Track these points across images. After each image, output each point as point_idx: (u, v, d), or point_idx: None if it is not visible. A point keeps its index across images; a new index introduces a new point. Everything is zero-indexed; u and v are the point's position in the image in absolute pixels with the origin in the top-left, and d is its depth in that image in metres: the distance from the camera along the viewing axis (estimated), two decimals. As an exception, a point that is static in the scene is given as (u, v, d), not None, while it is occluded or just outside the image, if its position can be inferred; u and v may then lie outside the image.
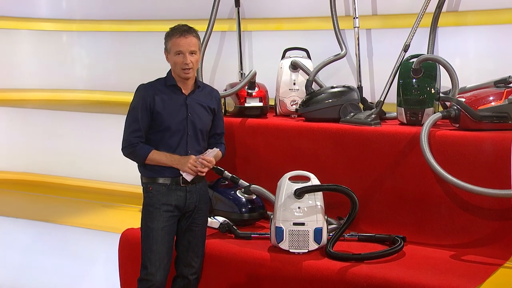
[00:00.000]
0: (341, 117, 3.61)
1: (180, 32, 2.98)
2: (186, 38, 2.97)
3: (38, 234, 3.97)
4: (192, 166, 2.97)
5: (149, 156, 2.99)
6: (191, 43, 2.98)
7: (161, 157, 2.99)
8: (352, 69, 4.07)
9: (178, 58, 2.98)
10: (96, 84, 5.30)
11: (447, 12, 3.77)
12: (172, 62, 3.01)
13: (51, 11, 5.36)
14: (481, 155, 3.09)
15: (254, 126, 3.77)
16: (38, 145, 4.86)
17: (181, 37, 2.97)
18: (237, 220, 3.46)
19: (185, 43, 2.96)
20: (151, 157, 2.99)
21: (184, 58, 2.97)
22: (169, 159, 2.99)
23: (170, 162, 2.99)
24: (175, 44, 2.98)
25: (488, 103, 3.21)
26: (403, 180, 3.30)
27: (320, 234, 3.05)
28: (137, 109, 3.01)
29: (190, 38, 2.98)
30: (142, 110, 3.00)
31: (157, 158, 2.99)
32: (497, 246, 3.01)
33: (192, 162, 2.97)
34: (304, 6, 4.28)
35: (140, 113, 3.00)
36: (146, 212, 3.04)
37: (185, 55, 2.97)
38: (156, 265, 2.97)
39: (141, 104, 3.01)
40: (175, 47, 2.97)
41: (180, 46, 2.96)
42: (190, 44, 2.97)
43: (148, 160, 3.00)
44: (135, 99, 3.05)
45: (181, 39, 2.97)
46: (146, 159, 3.00)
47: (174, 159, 2.98)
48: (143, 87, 3.07)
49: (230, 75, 4.35)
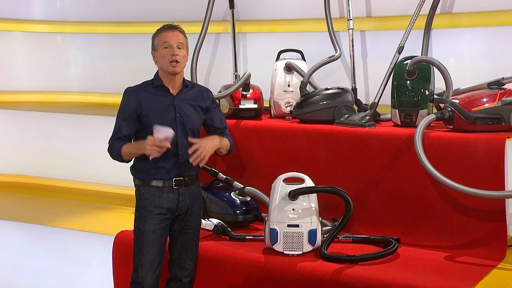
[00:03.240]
0: (336, 118, 3.61)
1: (167, 27, 3.04)
2: (174, 31, 3.02)
3: (31, 236, 3.95)
4: (150, 147, 2.90)
5: (122, 151, 2.99)
6: (178, 37, 3.01)
7: (130, 149, 2.98)
8: (347, 71, 4.07)
9: (165, 51, 2.99)
10: (90, 86, 5.29)
11: (441, 14, 3.78)
12: (160, 56, 3.01)
13: (45, 12, 5.35)
14: (474, 156, 3.10)
15: (249, 128, 3.77)
16: (31, 147, 4.84)
17: (168, 31, 3.02)
18: (232, 222, 3.46)
19: (172, 35, 3.00)
20: (124, 152, 2.99)
21: (171, 50, 2.98)
22: (135, 148, 2.97)
23: (137, 149, 2.96)
24: (162, 37, 3.00)
25: (482, 104, 3.22)
26: (397, 182, 3.30)
27: (315, 236, 3.05)
28: (123, 113, 3.02)
29: (177, 32, 3.03)
30: (127, 114, 3.01)
31: (127, 150, 2.98)
32: (491, 247, 3.01)
33: (148, 143, 2.90)
34: (299, 8, 4.28)
35: (126, 116, 3.01)
36: (138, 215, 3.03)
37: (173, 47, 2.98)
38: (146, 268, 2.96)
39: (127, 107, 3.02)
40: (163, 39, 2.99)
41: (167, 38, 2.99)
42: (177, 37, 3.01)
43: (124, 156, 3.00)
44: (121, 102, 3.06)
45: (168, 32, 3.01)
46: (122, 155, 3.00)
47: (139, 145, 2.96)
48: (130, 90, 3.07)
49: (225, 77, 4.35)
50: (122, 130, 3.01)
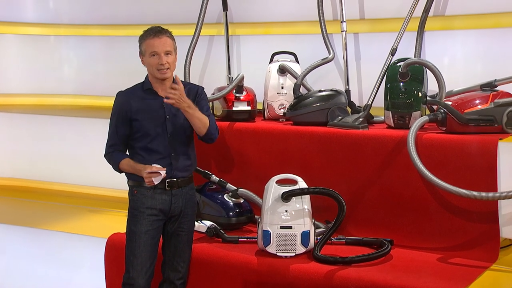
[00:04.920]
0: (329, 120, 3.61)
1: (154, 33, 2.94)
2: (160, 38, 2.94)
3: (23, 239, 3.93)
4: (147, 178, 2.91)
5: (120, 167, 3.02)
6: (166, 43, 2.94)
7: (127, 168, 3.00)
8: (340, 73, 4.07)
9: (153, 59, 2.95)
10: (83, 89, 5.27)
11: (434, 17, 3.79)
12: (148, 64, 2.99)
13: (38, 15, 5.33)
14: (467, 158, 3.10)
15: (242, 130, 3.76)
16: (24, 150, 4.82)
17: (155, 38, 2.94)
18: (225, 224, 3.45)
19: (159, 43, 2.93)
20: (123, 168, 3.02)
21: (159, 59, 2.93)
22: (133, 170, 2.98)
23: (134, 171, 2.98)
24: (149, 45, 2.94)
25: (474, 106, 3.22)
26: (390, 183, 3.30)
27: (308, 238, 3.04)
28: (115, 117, 3.03)
29: (164, 38, 2.95)
30: (119, 117, 3.01)
31: (125, 168, 3.01)
32: (484, 249, 3.01)
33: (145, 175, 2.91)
34: (292, 11, 4.28)
35: (117, 121, 3.01)
36: (131, 216, 3.03)
37: (160, 55, 2.93)
38: (137, 269, 2.95)
39: (118, 111, 3.02)
40: (150, 48, 2.94)
41: (154, 47, 2.93)
42: (165, 45, 2.94)
43: (122, 170, 3.03)
44: (113, 106, 3.06)
45: (155, 40, 2.93)
46: (120, 169, 3.03)
47: (136, 170, 2.97)
48: (121, 93, 3.07)
49: (218, 79, 4.34)
50: (117, 137, 3.01)
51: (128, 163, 3.00)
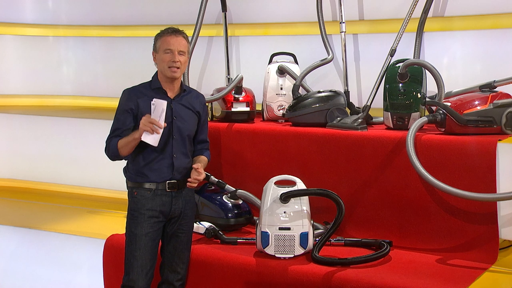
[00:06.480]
0: (328, 121, 3.61)
1: (171, 32, 3.01)
2: (177, 37, 3.00)
3: (22, 240, 3.93)
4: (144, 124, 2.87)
5: (118, 144, 2.95)
6: (181, 43, 3.00)
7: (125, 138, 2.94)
8: (339, 74, 4.07)
9: (166, 56, 2.98)
10: (83, 90, 5.27)
11: (433, 18, 3.79)
12: (160, 60, 3.00)
13: (36, 16, 5.33)
14: (466, 159, 3.10)
15: (241, 131, 3.76)
16: (23, 151, 4.82)
17: (171, 36, 3.00)
18: (223, 226, 3.44)
19: (175, 41, 2.98)
20: (120, 144, 2.95)
21: (172, 56, 2.97)
22: (131, 135, 2.93)
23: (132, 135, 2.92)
24: (165, 42, 2.99)
25: (474, 107, 3.22)
26: (389, 184, 3.29)
27: (306, 239, 3.03)
28: (120, 114, 3.01)
29: (180, 38, 3.01)
30: (125, 114, 2.99)
31: (123, 141, 2.94)
32: (483, 250, 3.01)
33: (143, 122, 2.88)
34: (291, 11, 4.29)
35: (122, 118, 2.99)
36: (131, 217, 3.02)
37: (174, 53, 2.97)
38: (137, 271, 2.94)
39: (124, 109, 3.01)
40: (165, 45, 2.98)
41: (170, 44, 2.98)
42: (180, 44, 2.99)
43: (121, 148, 2.95)
44: (119, 104, 3.05)
45: (172, 37, 2.99)
46: (118, 148, 2.96)
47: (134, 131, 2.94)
48: (127, 91, 3.06)
49: (217, 80, 4.34)
50: (119, 127, 2.98)
51: (125, 137, 2.95)
